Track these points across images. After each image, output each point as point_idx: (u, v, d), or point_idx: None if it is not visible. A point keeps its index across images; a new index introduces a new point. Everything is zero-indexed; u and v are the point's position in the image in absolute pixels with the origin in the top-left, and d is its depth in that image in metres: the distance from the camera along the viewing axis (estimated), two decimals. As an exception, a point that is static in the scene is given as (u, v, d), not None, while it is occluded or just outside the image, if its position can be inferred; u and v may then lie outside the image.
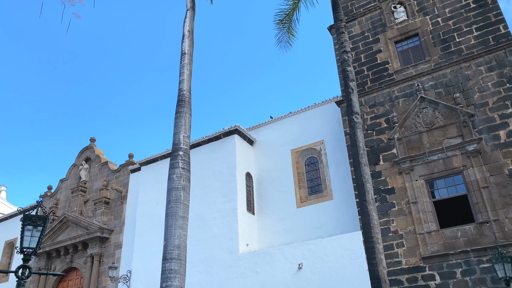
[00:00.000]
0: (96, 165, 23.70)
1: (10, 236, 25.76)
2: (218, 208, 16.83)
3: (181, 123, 9.75)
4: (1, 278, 24.82)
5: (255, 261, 15.03)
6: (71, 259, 21.30)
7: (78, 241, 20.90)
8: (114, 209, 21.41)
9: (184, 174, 9.26)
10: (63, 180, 24.85)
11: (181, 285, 7.98)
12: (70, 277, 21.71)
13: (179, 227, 8.59)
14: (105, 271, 19.72)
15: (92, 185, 23.08)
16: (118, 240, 20.27)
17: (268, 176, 18.06)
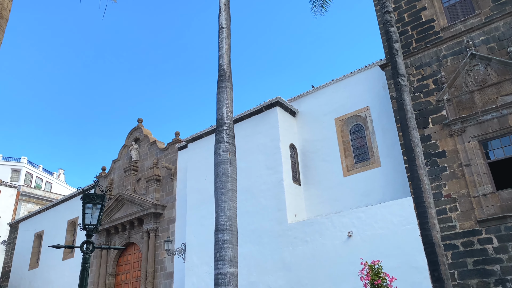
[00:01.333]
0: (145, 145, 24.57)
1: (72, 215, 27.52)
2: (264, 181, 17.02)
3: (223, 98, 9.84)
4: (67, 254, 26.72)
5: (304, 231, 15.19)
6: (128, 235, 22.51)
7: (134, 218, 22.00)
8: (165, 186, 22.23)
9: (230, 148, 9.41)
10: (116, 160, 26.02)
11: (234, 255, 8.25)
12: (129, 252, 23.01)
13: (229, 199, 8.82)
14: (161, 244, 20.70)
15: (143, 164, 24.02)
16: (171, 215, 21.11)
17: (312, 147, 17.96)
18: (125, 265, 22.90)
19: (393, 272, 9.18)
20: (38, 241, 30.08)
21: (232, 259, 8.25)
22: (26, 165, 46.37)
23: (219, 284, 8.03)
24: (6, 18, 8.89)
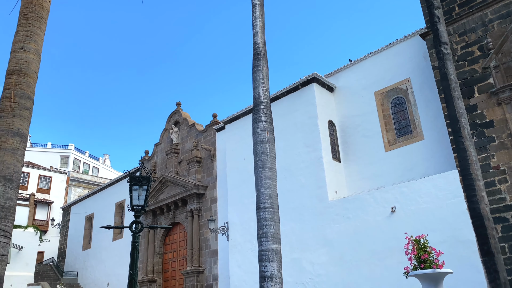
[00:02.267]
0: (184, 128, 25.06)
1: (119, 198, 28.73)
2: (303, 159, 16.98)
3: (259, 77, 9.79)
4: (117, 235, 28.03)
5: (346, 207, 15.11)
6: (173, 215, 23.28)
7: (178, 199, 22.68)
8: (206, 167, 22.68)
9: (268, 127, 9.41)
10: (157, 144, 26.75)
11: (276, 232, 8.35)
12: (175, 231, 23.83)
13: (269, 177, 8.88)
14: (205, 223, 21.28)
15: (184, 147, 24.56)
16: (213, 195, 21.58)
17: (351, 122, 17.65)
18: (172, 244, 23.77)
19: (439, 246, 8.99)
20: (89, 223, 31.73)
21: (275, 236, 8.35)
22: (74, 152, 48.59)
23: (263, 260, 8.18)
24: (48, 10, 9.17)
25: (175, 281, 22.73)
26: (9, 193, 8.05)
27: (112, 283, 26.85)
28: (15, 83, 8.60)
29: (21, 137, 8.50)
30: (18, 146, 8.42)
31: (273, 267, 8.11)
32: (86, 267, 30.17)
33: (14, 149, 8.31)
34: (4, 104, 8.50)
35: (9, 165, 8.17)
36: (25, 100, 8.66)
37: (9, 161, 8.19)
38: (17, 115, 8.49)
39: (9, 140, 8.29)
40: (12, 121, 8.40)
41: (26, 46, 8.89)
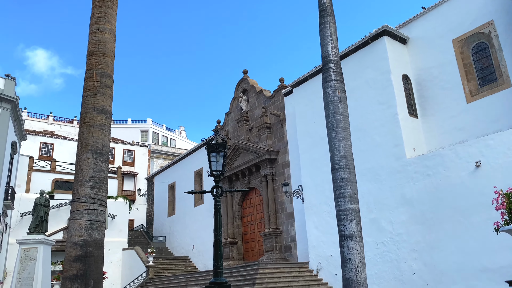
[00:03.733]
0: (252, 95, 25.27)
1: (196, 166, 30.12)
2: (377, 117, 16.39)
3: (327, 34, 9.48)
4: (197, 201, 29.59)
5: (425, 165, 14.45)
6: (248, 181, 23.96)
7: (251, 165, 23.23)
8: (276, 132, 22.85)
9: (339, 86, 9.17)
10: (228, 113, 27.36)
11: (353, 191, 8.28)
12: (251, 196, 24.58)
13: (342, 138, 8.73)
14: (279, 187, 21.66)
15: (253, 114, 24.86)
16: (285, 159, 21.78)
17: (428, 75, 16.58)
18: (249, 208, 24.61)
19: (534, 200, 8.33)
20: (172, 192, 33.79)
21: (352, 195, 8.29)
22: (152, 126, 51.38)
23: (341, 220, 8.19)
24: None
25: (255, 243, 23.65)
26: (101, 165, 8.78)
27: (196, 246, 28.65)
28: (95, 63, 9.19)
29: (105, 113, 9.15)
30: (104, 122, 9.09)
31: (352, 226, 8.10)
32: (172, 232, 32.41)
33: (101, 125, 8.99)
34: (88, 83, 9.15)
35: (98, 140, 8.87)
36: (106, 78, 9.25)
37: (98, 136, 8.89)
38: (100, 93, 9.12)
39: (96, 117, 8.97)
40: (97, 99, 9.05)
41: (102, 27, 9.39)
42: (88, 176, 8.46)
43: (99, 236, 8.25)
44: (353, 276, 7.92)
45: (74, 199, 8.48)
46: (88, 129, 8.83)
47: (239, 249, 24.28)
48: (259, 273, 16.61)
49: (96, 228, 8.23)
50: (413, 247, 14.35)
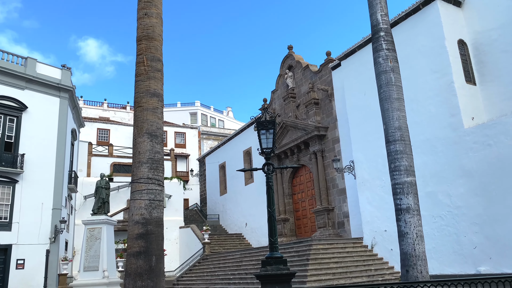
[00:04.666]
0: (298, 71, 24.92)
1: (245, 146, 30.45)
2: (431, 86, 15.63)
3: (376, 1, 9.07)
4: (248, 180, 30.02)
5: (485, 134, 13.67)
6: (297, 158, 23.90)
7: (300, 142, 23.11)
8: (324, 108, 22.48)
9: (390, 55, 8.81)
10: (274, 91, 27.22)
11: (409, 164, 8.01)
12: (301, 173, 24.55)
13: (396, 109, 8.42)
14: (329, 164, 21.44)
15: (300, 90, 24.57)
16: (335, 135, 21.44)
17: (487, 38, 15.50)
18: (299, 185, 24.63)
19: None
20: (222, 171, 34.49)
21: (408, 168, 8.03)
22: (200, 108, 52.35)
23: (397, 193, 7.99)
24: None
25: (307, 220, 23.73)
26: (156, 147, 9.08)
27: (249, 223, 29.23)
28: (145, 48, 9.40)
29: (158, 96, 9.39)
30: (157, 105, 9.34)
31: (409, 200, 7.88)
32: (225, 210, 33.23)
33: (154, 108, 9.25)
34: (139, 68, 9.40)
35: (152, 123, 9.15)
36: (155, 62, 9.45)
37: (152, 119, 9.17)
38: (152, 77, 9.35)
39: (149, 100, 9.23)
40: (148, 83, 9.29)
41: (149, 11, 9.56)
42: (145, 157, 8.79)
43: (158, 215, 8.60)
44: (411, 250, 7.74)
45: (133, 180, 8.87)
46: (142, 113, 9.13)
47: (291, 226, 24.48)
48: (313, 249, 16.69)
49: (155, 207, 8.58)
50: (473, 220, 13.77)
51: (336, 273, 15.63)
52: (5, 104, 21.36)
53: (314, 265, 15.72)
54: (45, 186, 21.75)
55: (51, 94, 23.35)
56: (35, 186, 21.34)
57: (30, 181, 21.30)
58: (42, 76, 22.93)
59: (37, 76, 22.71)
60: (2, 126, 21.15)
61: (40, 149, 21.98)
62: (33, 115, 22.23)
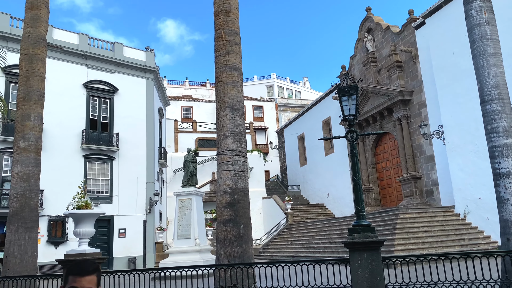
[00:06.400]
0: (378, 33, 23.66)
1: (324, 116, 29.98)
2: (533, 38, 13.95)
3: None
4: (328, 150, 29.68)
5: None
6: (380, 125, 23.01)
7: (382, 108, 22.16)
8: (408, 71, 21.20)
9: (484, 6, 7.96)
10: (353, 56, 26.22)
11: (509, 124, 7.31)
12: (384, 141, 23.66)
13: (492, 65, 7.66)
14: (415, 130, 20.34)
15: (380, 54, 23.37)
16: (421, 99, 20.20)
17: None
18: (383, 153, 23.80)
19: None
20: (301, 142, 34.47)
21: (508, 129, 7.32)
22: (276, 80, 52.34)
23: (495, 157, 7.36)
24: None
25: (392, 189, 22.97)
26: (238, 120, 9.32)
27: (331, 193, 29.08)
28: (222, 22, 9.55)
29: (237, 70, 9.56)
30: (236, 78, 9.53)
31: (509, 163, 7.23)
32: (306, 181, 33.35)
33: (234, 81, 9.45)
34: (218, 43, 9.61)
35: (233, 97, 9.38)
36: (233, 36, 9.58)
37: (232, 93, 9.39)
38: (230, 51, 9.51)
39: (229, 74, 9.44)
40: (227, 57, 9.48)
41: (224, -15, 9.62)
42: (228, 130, 9.08)
43: (243, 185, 8.91)
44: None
45: (218, 152, 9.24)
46: (223, 87, 9.38)
47: (375, 195, 23.90)
48: (400, 218, 16.20)
49: (240, 177, 8.89)
50: None
51: (426, 242, 15.05)
52: (99, 87, 23.24)
53: (402, 235, 15.28)
54: (139, 162, 23.54)
55: (138, 75, 24.88)
56: (129, 162, 23.20)
57: (125, 158, 23.18)
58: (129, 59, 24.47)
59: (124, 59, 24.27)
60: (98, 108, 23.10)
61: (131, 128, 23.72)
62: (123, 96, 23.93)
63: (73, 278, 1.92)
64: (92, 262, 2.02)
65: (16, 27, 20.92)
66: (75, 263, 1.98)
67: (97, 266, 2.01)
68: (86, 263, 1.98)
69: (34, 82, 10.44)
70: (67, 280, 1.94)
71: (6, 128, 19.50)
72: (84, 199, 7.59)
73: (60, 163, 20.48)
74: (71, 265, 1.99)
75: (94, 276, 1.95)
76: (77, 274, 1.91)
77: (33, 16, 10.85)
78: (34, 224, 9.82)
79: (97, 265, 2.01)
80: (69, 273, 1.94)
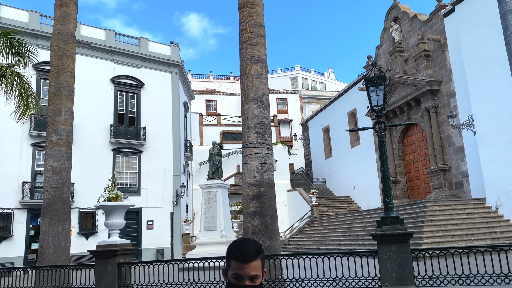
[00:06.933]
0: (405, 22, 23.11)
1: (349, 107, 29.60)
2: None
3: None
4: (354, 142, 29.34)
5: None
6: (407, 116, 22.54)
7: (410, 99, 21.70)
8: (436, 60, 20.65)
9: (519, -10, 7.64)
10: (379, 46, 25.73)
11: (546, 114, 7.04)
12: (412, 132, 23.19)
13: (527, 52, 7.37)
14: (444, 120, 19.85)
15: (408, 43, 22.84)
16: (450, 89, 19.67)
17: None
18: (410, 145, 23.35)
19: None
20: (326, 134, 34.19)
21: (544, 119, 7.06)
22: (300, 72, 51.94)
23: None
24: None
25: (420, 181, 22.55)
26: (263, 112, 9.32)
27: (357, 186, 28.78)
28: (247, 14, 9.53)
29: (262, 62, 9.54)
30: (261, 71, 9.51)
31: (546, 154, 6.98)
32: (331, 173, 33.11)
33: (259, 74, 9.44)
34: (243, 36, 9.60)
35: (258, 89, 9.37)
36: (258, 28, 9.55)
37: (257, 85, 9.38)
38: (255, 43, 9.49)
39: (253, 67, 9.43)
40: (252, 50, 9.46)
41: (248, -23, 9.58)
42: (253, 123, 9.09)
43: (269, 177, 8.92)
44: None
45: (244, 145, 9.27)
46: (248, 80, 9.38)
47: (402, 187, 23.51)
48: (428, 211, 15.90)
49: (266, 169, 8.90)
50: None
51: (455, 235, 14.73)
52: (125, 82, 23.67)
53: (430, 227, 15.00)
54: (165, 155, 23.91)
55: (163, 70, 25.19)
56: (156, 155, 23.59)
57: (152, 151, 23.59)
58: (154, 54, 24.78)
59: (150, 54, 24.60)
60: (125, 103, 23.55)
61: (158, 122, 24.09)
62: (149, 91, 24.29)
63: (236, 264, 1.71)
64: (254, 243, 1.77)
65: (46, 25, 21.50)
66: (236, 245, 1.76)
67: (260, 247, 1.77)
68: (247, 246, 1.74)
69: (64, 78, 10.71)
70: (230, 264, 1.74)
71: (37, 123, 20.14)
72: (114, 191, 7.78)
73: (89, 157, 21.02)
74: (233, 248, 1.76)
75: (259, 261, 1.72)
76: (239, 260, 1.70)
77: (62, 13, 11.10)
78: (66, 215, 10.13)
79: (259, 246, 1.77)
80: (231, 257, 1.73)
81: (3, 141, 19.35)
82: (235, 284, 1.71)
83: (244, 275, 1.69)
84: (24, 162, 19.87)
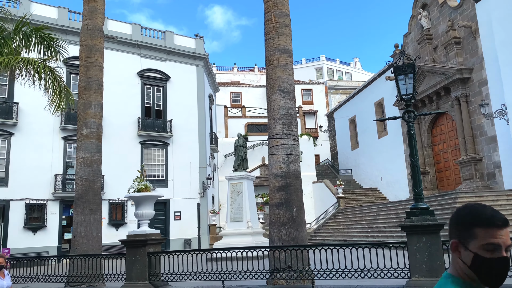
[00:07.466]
0: (434, 9, 22.42)
1: (376, 97, 29.08)
2: None
3: None
4: (381, 133, 28.85)
5: None
6: (437, 106, 21.96)
7: (439, 88, 21.12)
8: (467, 47, 19.97)
9: (558, -29, 7.29)
10: (406, 34, 25.09)
11: None
12: (441, 122, 22.60)
13: None
14: (475, 110, 19.24)
15: (437, 30, 22.18)
16: (481, 77, 19.01)
17: None
18: (440, 135, 22.77)
19: None
20: (353, 125, 33.74)
21: None
22: (326, 62, 51.28)
23: None
24: None
25: (450, 172, 21.99)
26: (289, 103, 9.27)
27: (384, 177, 28.34)
28: (272, 4, 9.46)
29: (287, 53, 9.47)
30: (287, 61, 9.44)
31: None
32: (358, 165, 32.70)
33: (284, 64, 9.38)
34: (268, 26, 9.54)
35: (283, 80, 9.31)
36: (283, 18, 9.47)
37: (283, 76, 9.33)
38: (280, 33, 9.42)
39: (279, 57, 9.37)
40: (277, 40, 9.40)
41: (273, -33, 9.49)
42: (279, 114, 9.06)
43: (295, 168, 8.89)
44: None
45: (269, 136, 9.26)
46: (273, 70, 9.33)
47: (432, 179, 23.00)
48: (459, 202, 15.51)
49: (292, 160, 8.87)
50: None
51: (488, 227, 14.31)
52: (152, 76, 23.99)
53: (461, 219, 14.62)
54: (191, 147, 24.19)
55: (188, 63, 25.38)
56: (182, 147, 23.89)
57: (178, 144, 23.89)
58: (179, 47, 24.99)
59: (175, 47, 24.82)
60: (152, 96, 23.89)
61: (184, 114, 24.35)
62: (175, 84, 24.54)
63: (487, 232, 1.31)
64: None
65: (74, 20, 21.98)
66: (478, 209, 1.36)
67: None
68: (491, 209, 1.37)
69: (93, 72, 10.95)
70: (471, 234, 1.33)
71: (68, 117, 20.69)
72: (143, 182, 7.93)
73: (118, 150, 21.48)
74: (475, 212, 1.35)
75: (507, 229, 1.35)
76: (493, 226, 1.32)
77: (90, 8, 11.32)
78: (97, 206, 10.41)
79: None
80: (476, 224, 1.33)
81: (36, 135, 20.01)
82: (488, 258, 1.30)
83: (503, 244, 1.31)
84: (56, 155, 20.49)
